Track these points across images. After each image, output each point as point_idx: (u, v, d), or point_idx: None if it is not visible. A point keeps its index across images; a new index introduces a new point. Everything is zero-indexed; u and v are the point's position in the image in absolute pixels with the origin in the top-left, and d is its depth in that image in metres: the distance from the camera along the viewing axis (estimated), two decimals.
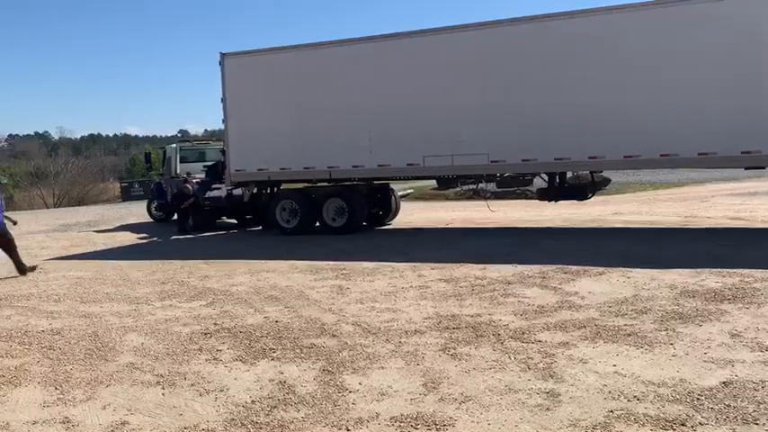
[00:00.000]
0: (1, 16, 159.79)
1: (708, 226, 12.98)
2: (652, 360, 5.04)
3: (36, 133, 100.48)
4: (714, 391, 4.36)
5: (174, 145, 21.49)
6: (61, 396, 5.00)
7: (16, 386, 5.30)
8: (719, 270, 8.10)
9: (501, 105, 12.76)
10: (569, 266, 8.88)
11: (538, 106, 12.42)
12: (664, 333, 5.68)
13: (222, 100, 15.41)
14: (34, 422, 4.53)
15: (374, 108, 13.85)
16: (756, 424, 3.84)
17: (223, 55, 15.29)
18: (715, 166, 12.89)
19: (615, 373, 4.80)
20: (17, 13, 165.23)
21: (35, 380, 5.42)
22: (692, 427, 3.85)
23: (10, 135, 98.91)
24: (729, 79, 11.13)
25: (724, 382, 4.48)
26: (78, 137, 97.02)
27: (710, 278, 7.75)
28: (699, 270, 8.17)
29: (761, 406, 4.07)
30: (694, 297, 6.88)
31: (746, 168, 12.24)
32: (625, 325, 6.01)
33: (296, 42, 15.00)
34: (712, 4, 11.17)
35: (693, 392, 4.34)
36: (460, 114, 13.05)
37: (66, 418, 4.57)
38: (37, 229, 20.68)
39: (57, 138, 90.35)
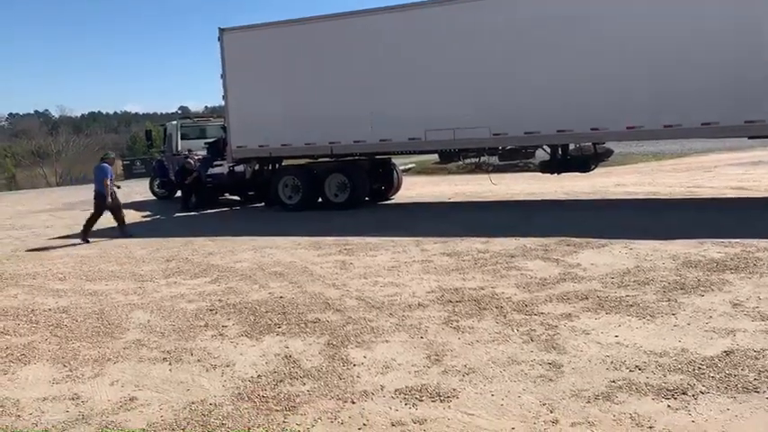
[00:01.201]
0: None
1: (711, 196, 12.96)
2: (654, 330, 5.08)
3: (36, 112, 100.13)
4: (715, 360, 4.39)
5: (175, 122, 21.42)
6: (70, 373, 5.07)
7: (25, 364, 5.38)
8: (722, 240, 8.10)
9: (502, 78, 12.66)
10: (571, 239, 8.88)
11: (539, 78, 12.32)
12: (666, 303, 5.71)
13: (222, 76, 15.31)
14: (44, 399, 4.60)
15: (375, 82, 13.75)
16: (757, 392, 3.88)
17: (222, 30, 15.16)
18: (718, 136, 12.80)
19: (617, 343, 4.84)
20: None
21: (44, 357, 5.49)
22: (694, 395, 3.89)
23: (10, 114, 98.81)
24: (731, 49, 10.99)
25: (725, 352, 4.52)
26: (78, 115, 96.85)
27: (713, 248, 7.76)
28: (701, 240, 8.18)
29: (762, 374, 4.10)
30: (696, 267, 6.90)
31: (750, 138, 12.16)
32: (627, 296, 6.04)
33: (299, 17, 14.80)
34: None
35: (695, 362, 4.38)
36: (462, 88, 12.96)
37: (76, 394, 4.64)
38: (40, 208, 20.74)
39: (57, 116, 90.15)
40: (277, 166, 16.01)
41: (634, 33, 11.62)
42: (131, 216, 16.58)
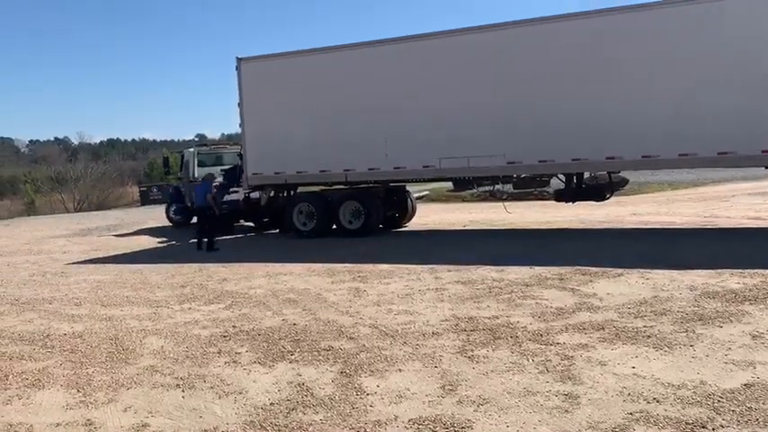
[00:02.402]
0: (20, 25, 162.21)
1: (728, 226, 12.83)
2: (672, 362, 5.00)
3: (56, 138, 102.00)
4: (735, 393, 4.31)
5: (192, 149, 21.65)
6: (83, 399, 5.07)
7: (39, 389, 5.39)
8: (740, 271, 8.01)
9: (517, 106, 12.72)
10: (587, 268, 8.82)
11: (554, 107, 12.36)
12: (683, 335, 5.63)
13: (239, 104, 15.52)
14: (57, 424, 4.60)
15: (389, 111, 13.87)
16: None
17: (239, 60, 15.41)
18: (735, 165, 12.72)
19: (634, 374, 4.77)
20: (35, 21, 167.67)
21: (58, 382, 5.51)
22: (713, 429, 3.82)
23: (31, 141, 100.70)
24: (748, 78, 10.99)
25: (745, 384, 4.44)
26: (97, 142, 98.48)
27: (731, 279, 7.67)
28: (719, 271, 8.09)
29: None
30: (714, 298, 6.82)
31: (767, 168, 12.07)
32: (644, 326, 5.96)
33: (312, 46, 15.04)
34: (729, 2, 11.07)
35: (714, 395, 4.31)
36: (476, 116, 13.04)
37: (89, 420, 4.64)
38: (58, 234, 20.96)
39: (76, 143, 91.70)
40: (292, 192, 16.11)
41: (649, 63, 11.65)
42: (147, 242, 16.74)
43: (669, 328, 5.84)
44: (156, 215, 24.38)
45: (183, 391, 5.12)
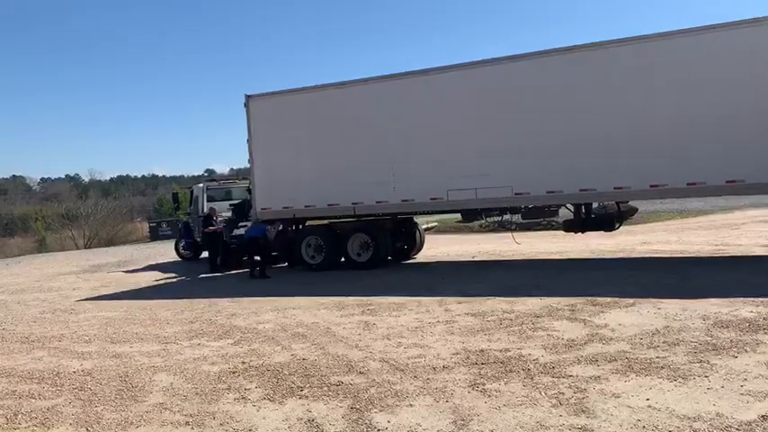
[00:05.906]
0: (29, 63, 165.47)
1: (739, 254, 12.74)
2: (686, 393, 4.92)
3: (67, 176, 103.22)
4: (753, 425, 4.24)
5: (201, 184, 21.84)
6: None
7: (48, 428, 5.36)
8: (753, 299, 7.92)
9: (523, 138, 12.79)
10: (598, 298, 8.75)
11: (561, 138, 12.41)
12: (698, 365, 5.56)
13: (248, 140, 15.71)
14: None
15: (397, 144, 13.99)
16: None
17: (248, 97, 15.63)
18: (743, 193, 12.68)
19: (649, 407, 4.70)
20: (45, 59, 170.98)
21: (67, 421, 5.47)
22: None
23: (42, 178, 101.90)
24: (755, 106, 11.02)
25: (763, 416, 4.36)
26: (108, 178, 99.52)
27: (744, 308, 7.58)
28: (732, 299, 8.00)
29: None
30: (728, 327, 6.73)
31: None
32: (657, 357, 5.89)
33: (319, 81, 15.27)
34: (735, 33, 11.17)
35: (731, 427, 4.23)
36: (483, 148, 13.10)
37: None
38: (68, 270, 21.03)
39: (87, 180, 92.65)
40: (300, 226, 16.17)
41: (657, 92, 11.72)
42: (156, 278, 16.77)
43: (683, 359, 5.77)
44: (166, 250, 24.48)
45: (192, 428, 5.07)
